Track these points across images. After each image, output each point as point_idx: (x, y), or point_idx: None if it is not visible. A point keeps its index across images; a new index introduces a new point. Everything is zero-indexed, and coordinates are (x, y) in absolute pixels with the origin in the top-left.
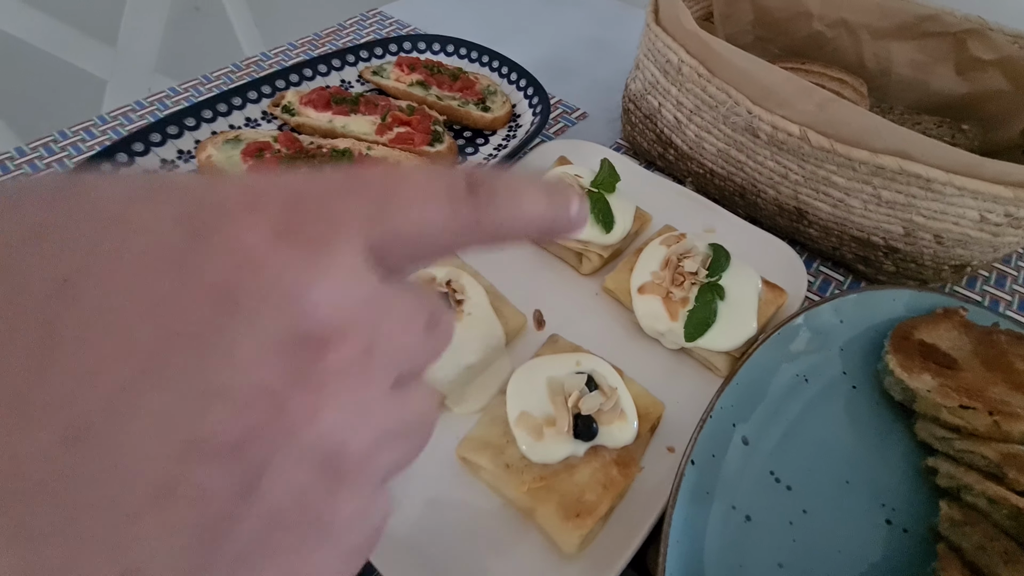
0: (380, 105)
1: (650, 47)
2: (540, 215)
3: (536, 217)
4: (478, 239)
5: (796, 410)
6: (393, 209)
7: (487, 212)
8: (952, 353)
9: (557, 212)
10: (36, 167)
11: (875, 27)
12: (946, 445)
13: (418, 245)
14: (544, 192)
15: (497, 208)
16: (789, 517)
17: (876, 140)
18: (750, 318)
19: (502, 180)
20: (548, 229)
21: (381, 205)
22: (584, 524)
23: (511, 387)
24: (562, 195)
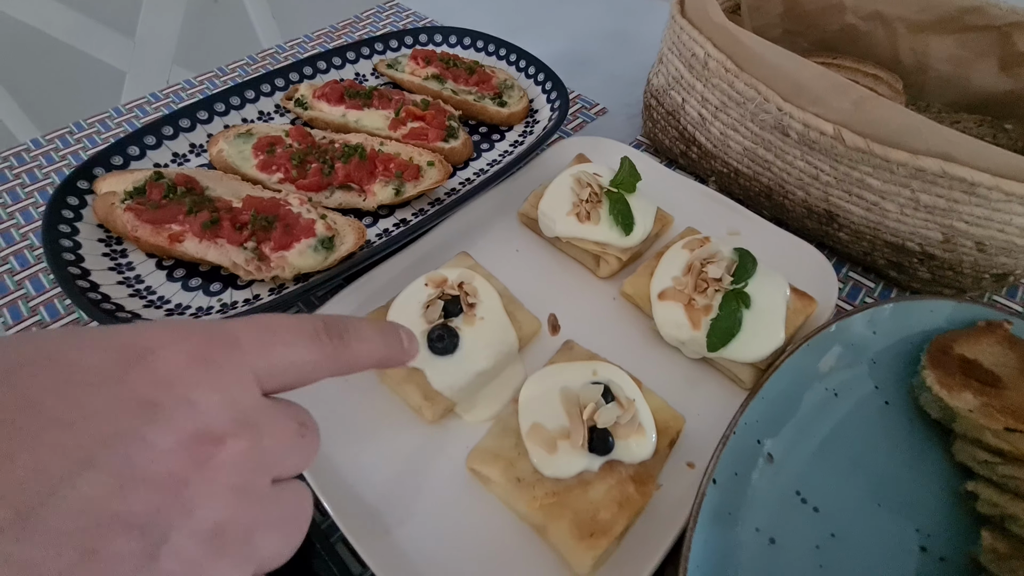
0: (394, 99)
1: (674, 40)
2: (377, 348)
3: (375, 352)
4: (333, 370)
5: (825, 427)
6: (274, 347)
7: (338, 349)
8: (996, 370)
9: (390, 348)
10: (52, 159)
11: (912, 20)
12: (988, 469)
13: (289, 373)
14: (379, 333)
15: (346, 346)
16: (816, 541)
17: (917, 141)
18: (777, 328)
19: (348, 324)
20: (386, 360)
21: (266, 344)
22: (598, 544)
23: (523, 396)
24: (394, 335)
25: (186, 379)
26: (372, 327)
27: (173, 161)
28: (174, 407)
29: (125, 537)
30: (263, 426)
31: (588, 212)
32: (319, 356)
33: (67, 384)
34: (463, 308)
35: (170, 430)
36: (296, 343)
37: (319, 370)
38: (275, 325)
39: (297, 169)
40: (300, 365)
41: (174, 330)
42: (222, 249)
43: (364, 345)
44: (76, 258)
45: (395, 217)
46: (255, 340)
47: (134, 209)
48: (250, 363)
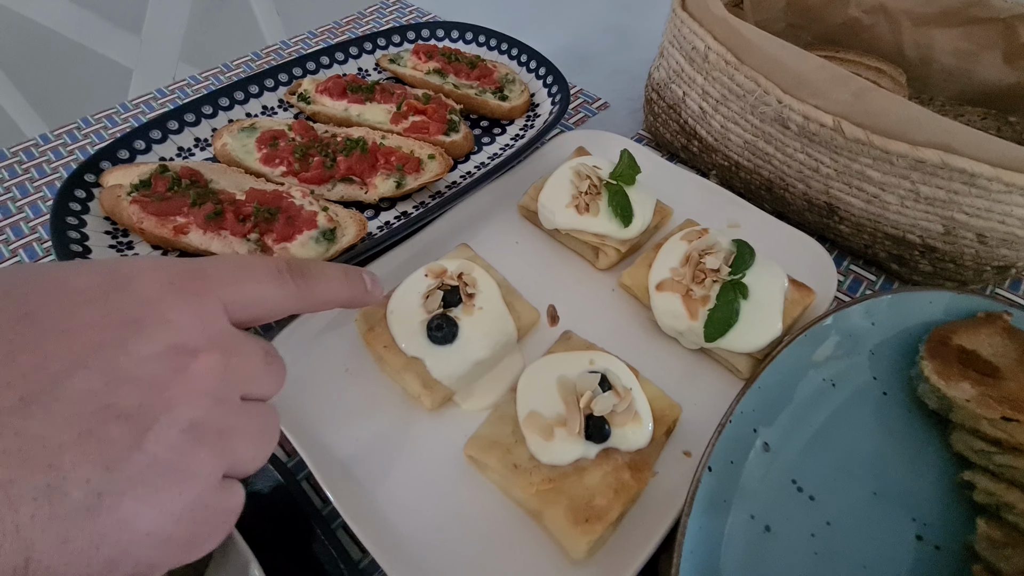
0: (396, 93)
1: (675, 33)
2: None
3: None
4: (298, 306)
5: (822, 416)
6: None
7: (301, 287)
8: (994, 361)
9: (354, 289)
10: (60, 153)
11: (916, 13)
12: (985, 459)
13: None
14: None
15: (309, 285)
16: (811, 529)
17: (916, 132)
18: (775, 318)
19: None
20: (350, 300)
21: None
22: (593, 530)
23: (521, 385)
24: (356, 276)
25: (163, 301)
26: (335, 269)
27: (178, 155)
28: (153, 324)
29: (115, 423)
30: (232, 348)
31: (587, 204)
32: (283, 292)
33: (61, 300)
34: (462, 298)
35: (150, 342)
36: (262, 280)
37: (284, 306)
38: (243, 263)
39: (300, 162)
40: (266, 300)
41: (153, 262)
42: (226, 241)
43: (327, 284)
44: (83, 250)
45: (396, 210)
46: (224, 275)
47: (140, 201)
48: (219, 294)
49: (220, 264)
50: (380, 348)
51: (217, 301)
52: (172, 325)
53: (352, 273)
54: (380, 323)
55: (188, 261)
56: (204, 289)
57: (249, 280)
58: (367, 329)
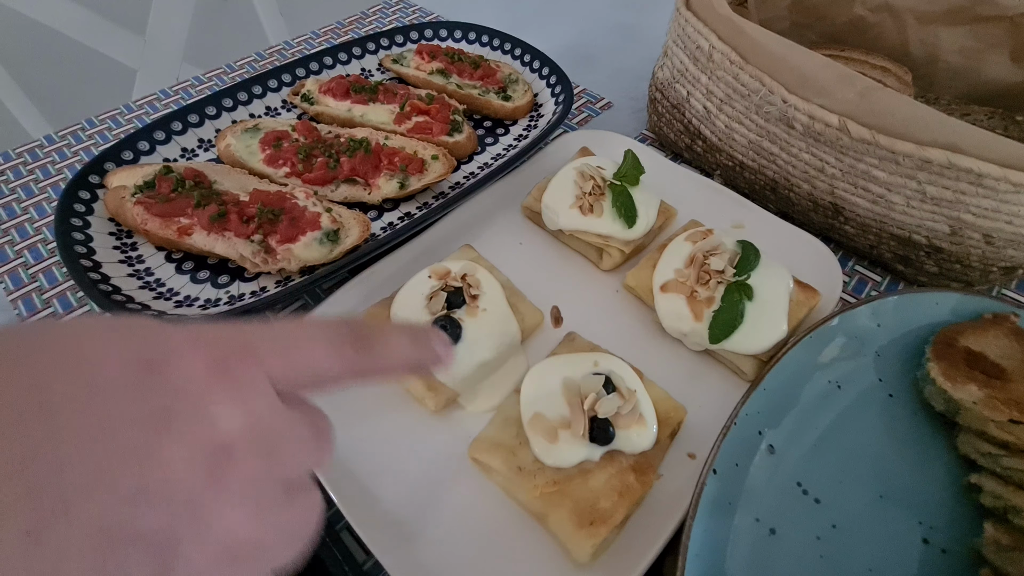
0: (399, 94)
1: (680, 33)
2: (407, 355)
3: (404, 357)
4: (357, 379)
5: (827, 419)
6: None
7: (363, 358)
8: (1001, 363)
9: (422, 356)
10: (64, 155)
11: (922, 11)
12: (992, 462)
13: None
14: (410, 339)
15: (372, 354)
16: (817, 532)
17: (923, 132)
18: (780, 320)
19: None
20: (416, 366)
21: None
22: (598, 532)
23: (525, 386)
24: (425, 341)
25: (202, 389)
26: (403, 333)
27: (182, 156)
28: (189, 419)
29: (138, 553)
30: (278, 436)
31: (591, 205)
32: (341, 365)
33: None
34: (466, 300)
35: (184, 443)
36: (317, 350)
37: (341, 379)
38: (296, 331)
39: (303, 163)
40: (320, 373)
41: (193, 336)
42: (229, 242)
43: (392, 353)
44: (88, 251)
45: (400, 210)
46: (273, 347)
47: (144, 203)
48: (267, 370)
49: (270, 334)
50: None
51: (264, 381)
52: (210, 420)
53: (421, 338)
54: None
55: (232, 331)
56: (250, 368)
57: (303, 351)
58: None
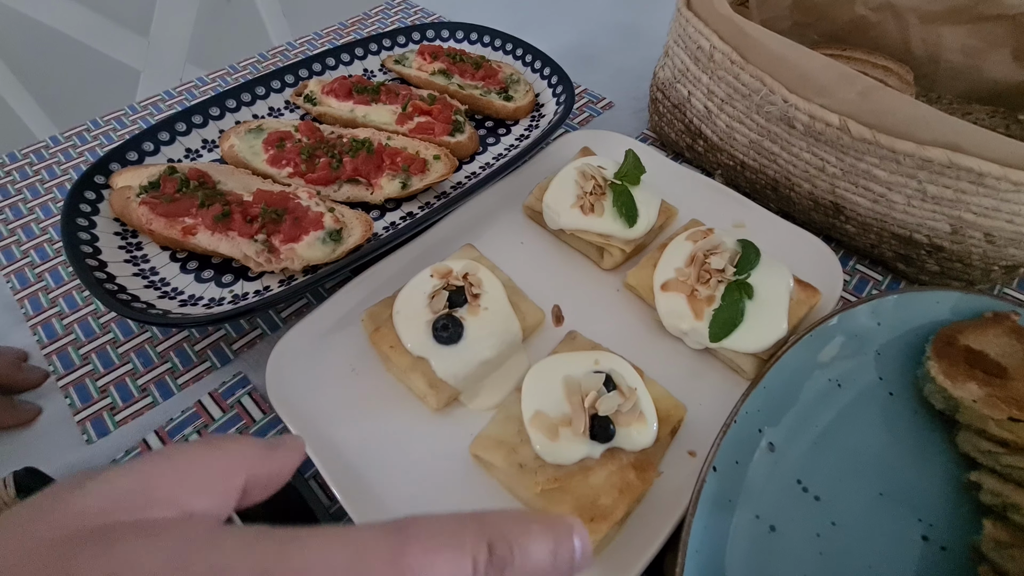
0: (401, 94)
1: (680, 33)
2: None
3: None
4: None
5: (827, 417)
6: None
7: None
8: (1002, 361)
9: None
10: (70, 155)
11: (924, 11)
12: (992, 459)
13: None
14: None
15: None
16: (816, 529)
17: (923, 131)
18: (780, 318)
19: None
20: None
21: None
22: (599, 529)
23: (527, 385)
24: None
25: None
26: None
27: (186, 156)
28: None
29: None
30: None
31: (592, 204)
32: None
33: None
34: (467, 298)
35: None
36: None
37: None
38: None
39: (306, 163)
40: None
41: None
42: (233, 241)
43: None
44: (94, 251)
45: (402, 210)
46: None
47: (149, 203)
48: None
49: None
50: (386, 348)
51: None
52: None
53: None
54: (386, 323)
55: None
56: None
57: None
58: (373, 329)
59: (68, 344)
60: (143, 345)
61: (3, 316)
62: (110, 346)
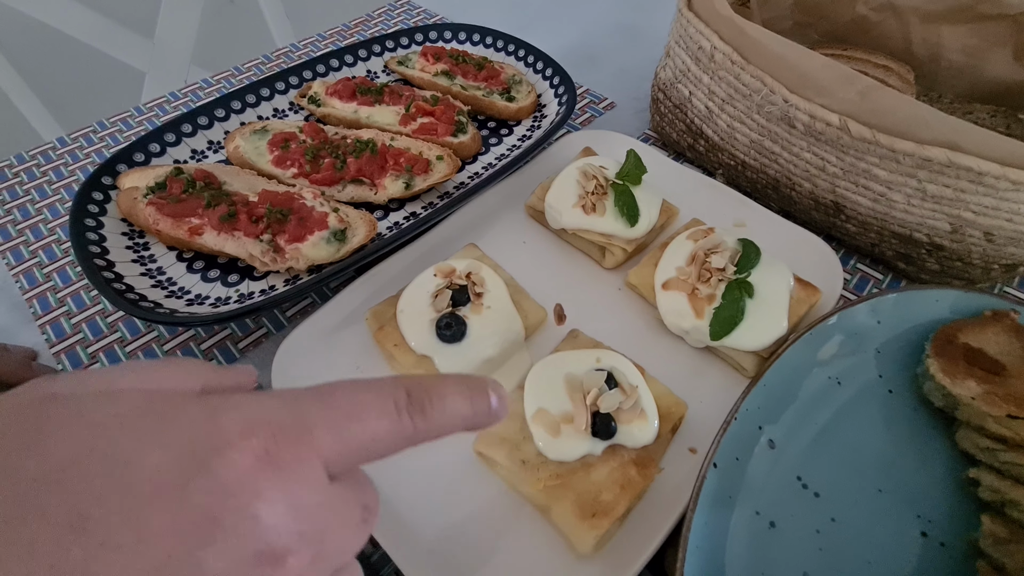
0: (404, 95)
1: (682, 33)
2: (463, 416)
3: (460, 418)
4: (414, 442)
5: (827, 414)
6: (350, 428)
7: (421, 420)
8: (1001, 359)
9: (477, 415)
10: (76, 156)
11: (925, 10)
12: (990, 456)
13: (367, 452)
14: (467, 398)
15: (428, 419)
16: (816, 525)
17: (923, 130)
18: (780, 317)
19: (433, 392)
20: (472, 425)
21: (341, 427)
22: (600, 524)
23: (529, 382)
24: (482, 398)
25: (250, 487)
26: (459, 391)
27: (192, 157)
28: (235, 524)
29: None
30: (327, 527)
31: (594, 204)
32: (397, 433)
33: (122, 493)
34: (470, 297)
35: (228, 552)
36: (373, 422)
37: (395, 446)
38: (355, 405)
39: (311, 164)
40: (375, 443)
41: (246, 423)
42: (239, 241)
43: (448, 415)
44: (102, 251)
45: (405, 210)
46: (330, 427)
47: (156, 203)
48: (321, 453)
49: (327, 411)
50: (390, 346)
51: (317, 468)
52: (257, 523)
53: (477, 392)
54: (390, 322)
55: (286, 410)
56: (304, 455)
57: (360, 425)
58: (378, 328)
59: (76, 343)
60: (150, 344)
61: (12, 315)
62: (117, 345)
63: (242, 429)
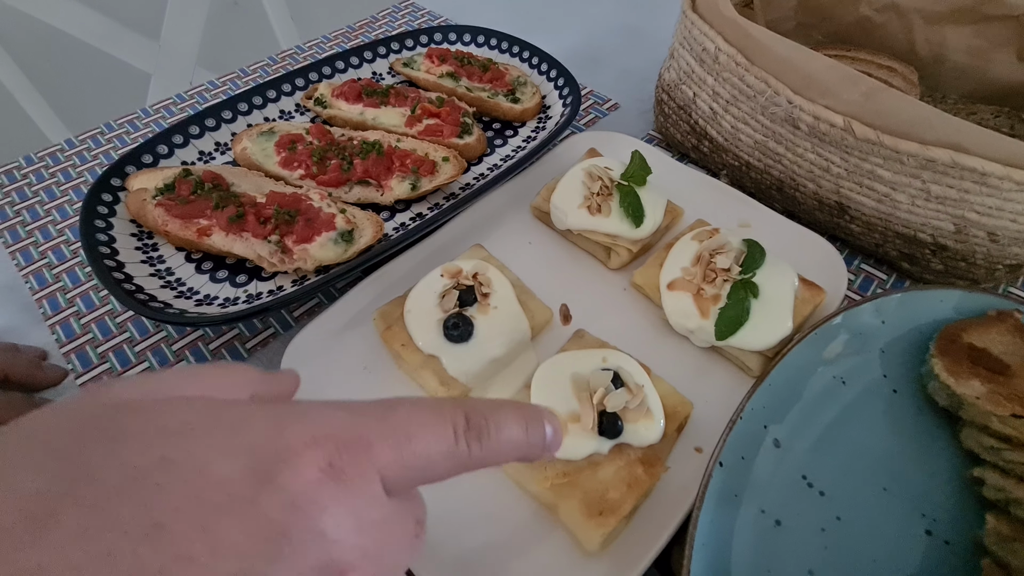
0: (410, 97)
1: (686, 35)
2: (518, 445)
3: (515, 447)
4: (468, 468)
5: (832, 413)
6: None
7: (477, 448)
8: (1004, 358)
9: (532, 441)
10: (84, 158)
11: (929, 11)
12: (995, 455)
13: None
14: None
15: (485, 445)
16: (821, 523)
17: (927, 131)
18: (785, 317)
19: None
20: (526, 455)
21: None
22: (607, 522)
23: (536, 382)
24: (538, 429)
25: (317, 501)
26: (516, 421)
27: (200, 159)
28: (302, 538)
29: None
30: (386, 543)
31: (599, 205)
32: (453, 457)
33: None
34: (477, 298)
35: (296, 565)
36: (432, 443)
37: (450, 470)
38: (414, 424)
39: (317, 165)
40: (431, 469)
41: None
42: (247, 242)
43: (503, 445)
44: (111, 252)
45: (411, 211)
46: (390, 443)
47: (164, 205)
48: (381, 468)
49: (388, 427)
50: (398, 346)
51: (376, 482)
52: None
53: (533, 421)
54: (398, 322)
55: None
56: (365, 469)
57: (418, 445)
58: (385, 328)
59: (86, 343)
60: (159, 344)
61: (22, 316)
62: (127, 345)
63: (307, 441)
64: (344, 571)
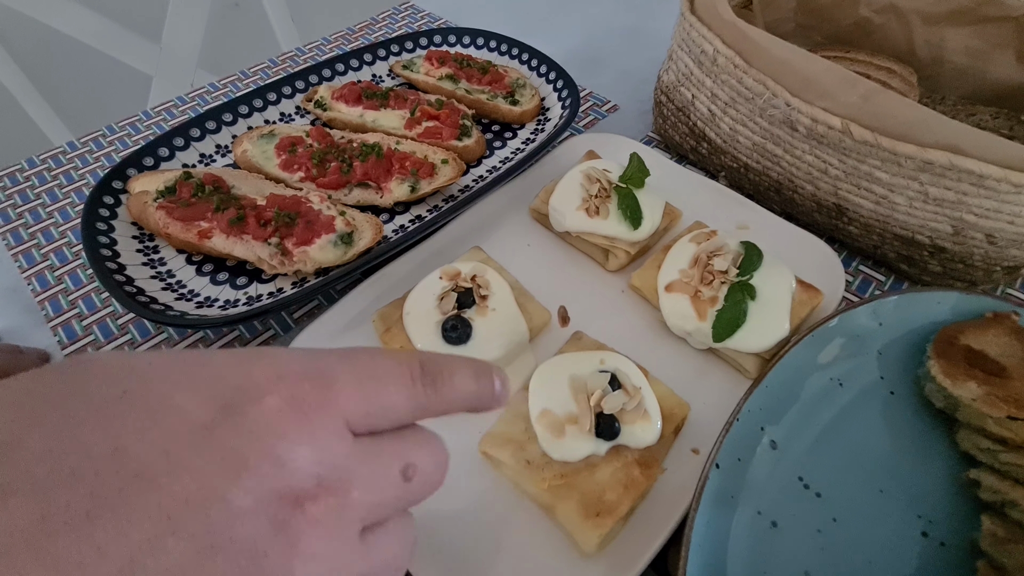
0: (409, 99)
1: (684, 37)
2: (469, 394)
3: (466, 396)
4: (422, 416)
5: (829, 415)
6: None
7: (430, 396)
8: (1001, 360)
9: (481, 396)
10: (86, 160)
11: (927, 12)
12: (991, 457)
13: (384, 414)
14: (473, 378)
15: (439, 393)
16: (818, 525)
17: (925, 134)
18: (782, 319)
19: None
20: (476, 405)
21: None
22: (604, 524)
23: (534, 383)
24: (487, 381)
25: (276, 430)
26: (467, 371)
27: (200, 161)
28: (260, 463)
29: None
30: (353, 477)
31: (597, 207)
32: (412, 402)
33: (159, 434)
34: (476, 300)
35: (251, 491)
36: (392, 387)
37: (409, 415)
38: (374, 367)
39: (317, 168)
40: (392, 409)
41: (273, 368)
42: (247, 245)
43: (456, 392)
44: (113, 254)
45: (411, 213)
46: (352, 383)
47: (166, 207)
48: (343, 408)
49: (349, 369)
50: (397, 348)
51: (339, 419)
52: (281, 464)
53: (482, 374)
54: (397, 324)
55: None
56: (326, 405)
57: (379, 388)
58: (384, 330)
59: (88, 345)
60: (160, 346)
61: (25, 318)
62: (128, 347)
63: (270, 376)
64: (301, 499)
